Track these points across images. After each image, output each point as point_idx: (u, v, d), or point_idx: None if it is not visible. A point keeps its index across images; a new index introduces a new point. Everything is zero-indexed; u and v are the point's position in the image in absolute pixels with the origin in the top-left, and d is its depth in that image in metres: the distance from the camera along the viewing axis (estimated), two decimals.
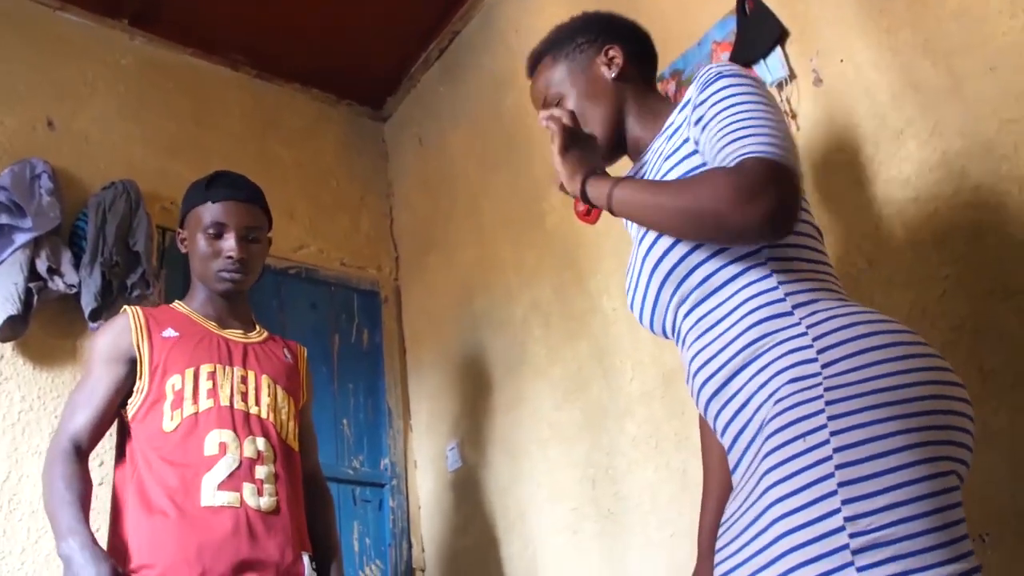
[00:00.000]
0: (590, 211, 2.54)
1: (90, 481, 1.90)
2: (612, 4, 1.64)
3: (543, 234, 2.76)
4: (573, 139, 1.40)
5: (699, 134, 1.32)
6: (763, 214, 1.18)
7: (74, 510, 1.81)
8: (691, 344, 1.34)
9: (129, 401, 1.98)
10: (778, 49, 2.05)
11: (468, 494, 2.89)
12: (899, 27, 1.81)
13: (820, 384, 1.15)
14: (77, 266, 2.58)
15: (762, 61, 2.08)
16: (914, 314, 1.68)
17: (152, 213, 2.83)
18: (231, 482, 1.90)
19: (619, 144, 1.53)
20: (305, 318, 3.21)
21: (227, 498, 1.88)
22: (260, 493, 1.92)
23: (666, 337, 1.42)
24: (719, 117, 1.29)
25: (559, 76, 1.55)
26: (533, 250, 2.79)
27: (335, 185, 3.50)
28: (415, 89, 3.57)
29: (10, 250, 2.46)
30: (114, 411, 1.97)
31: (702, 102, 1.33)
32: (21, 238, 2.48)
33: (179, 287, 2.79)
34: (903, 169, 1.76)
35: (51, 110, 2.91)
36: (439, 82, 3.44)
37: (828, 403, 1.13)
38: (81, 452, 1.92)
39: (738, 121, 1.26)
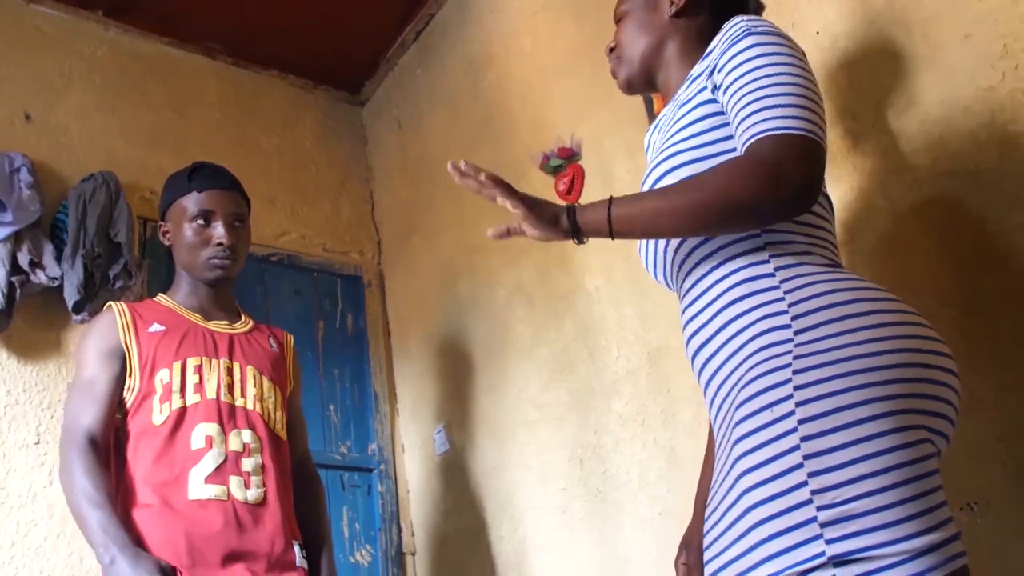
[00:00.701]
0: (571, 190, 2.57)
1: (107, 471, 1.88)
2: None
3: None
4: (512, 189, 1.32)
5: (722, 95, 1.30)
6: (785, 195, 1.18)
7: (105, 513, 1.80)
8: (683, 298, 1.35)
9: (123, 398, 1.99)
10: None
11: (456, 477, 2.90)
12: None
13: (790, 352, 1.14)
14: (59, 259, 2.56)
15: None
16: (898, 285, 1.67)
17: (132, 204, 2.82)
18: (218, 475, 1.91)
19: (648, 81, 1.52)
20: (289, 305, 3.21)
21: (214, 491, 1.89)
22: (247, 486, 1.93)
23: (669, 287, 1.43)
24: (742, 81, 1.26)
25: None
26: None
27: (315, 171, 3.49)
28: (392, 73, 3.56)
29: None
30: (116, 406, 1.97)
31: (727, 60, 1.30)
32: (2, 232, 2.46)
33: (162, 277, 2.79)
34: (881, 140, 1.77)
35: (28, 103, 2.88)
36: (416, 65, 3.42)
37: (796, 372, 1.12)
38: (97, 446, 1.90)
39: (761, 88, 1.24)
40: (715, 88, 1.32)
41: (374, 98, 3.67)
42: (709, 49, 1.36)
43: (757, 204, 1.19)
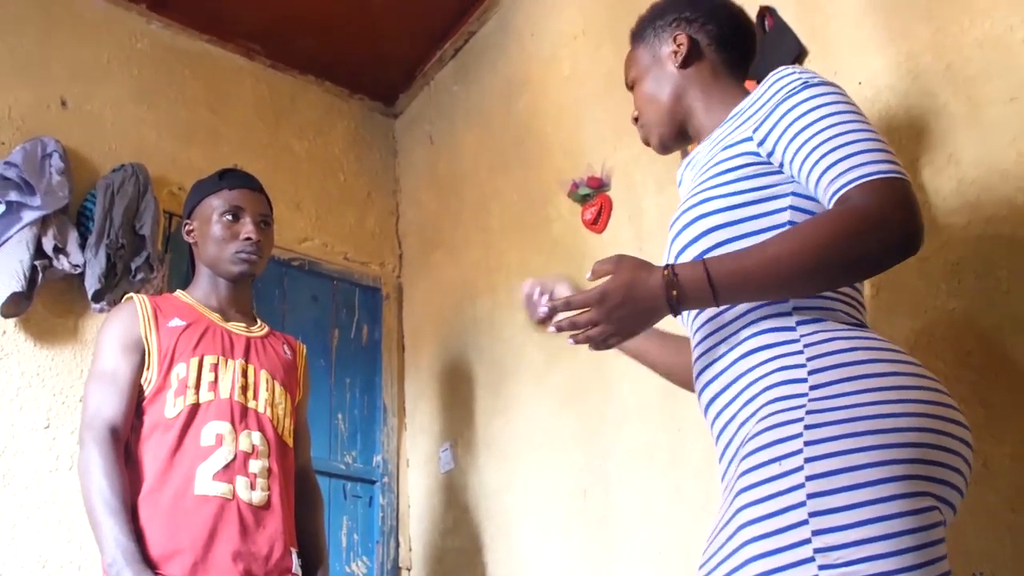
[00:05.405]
0: (597, 220, 2.56)
1: (125, 471, 1.88)
2: (629, 8, 1.62)
3: (549, 240, 2.76)
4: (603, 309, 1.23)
5: (775, 146, 1.27)
6: (895, 241, 1.15)
7: (119, 521, 1.80)
8: (698, 344, 1.34)
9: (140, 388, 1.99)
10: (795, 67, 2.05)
11: (459, 496, 2.88)
12: (921, 51, 1.80)
13: (803, 407, 1.13)
14: (83, 246, 2.57)
15: None
16: (919, 344, 1.66)
17: (160, 198, 2.83)
18: (225, 474, 1.92)
19: (679, 134, 1.51)
20: (306, 310, 3.21)
21: (220, 489, 1.90)
22: (253, 487, 1.94)
23: (683, 323, 1.41)
24: (810, 132, 1.23)
25: (638, 60, 1.54)
26: (539, 255, 2.79)
27: (343, 179, 3.50)
28: (428, 87, 3.57)
29: (17, 227, 2.46)
30: (136, 398, 1.98)
31: (783, 113, 1.27)
32: (29, 216, 2.48)
33: (183, 273, 2.78)
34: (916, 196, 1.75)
35: (65, 89, 2.90)
36: (453, 81, 3.43)
37: (808, 427, 1.11)
38: (119, 438, 1.91)
39: (837, 137, 1.21)
40: (762, 141, 1.29)
41: (408, 111, 3.68)
42: (756, 96, 1.34)
43: (869, 253, 1.16)
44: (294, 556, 1.97)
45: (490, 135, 3.14)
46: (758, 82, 2.07)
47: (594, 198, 2.58)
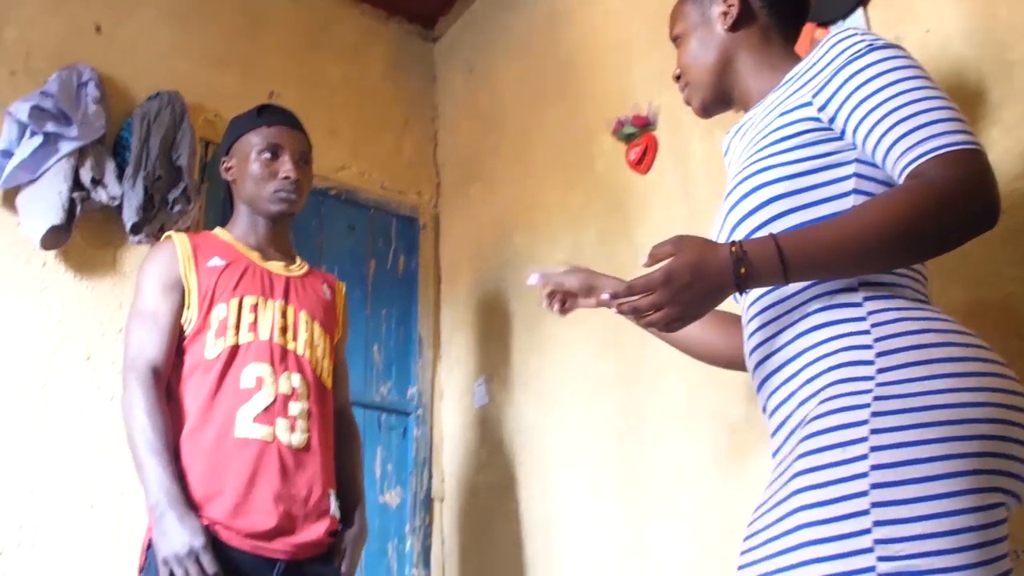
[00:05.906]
0: (642, 160, 2.50)
1: (167, 411, 1.90)
2: None
3: (592, 177, 2.69)
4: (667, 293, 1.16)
5: (838, 112, 1.22)
6: (977, 214, 1.11)
7: (163, 459, 1.83)
8: (753, 319, 1.30)
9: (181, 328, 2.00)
10: (860, 11, 1.95)
11: (492, 431, 2.89)
12: (998, 1, 1.69)
13: (871, 391, 1.09)
14: (120, 178, 2.55)
15: (840, 22, 1.98)
16: (974, 314, 1.60)
17: (196, 125, 2.79)
18: (266, 416, 1.93)
19: (723, 98, 1.46)
20: (343, 240, 3.19)
21: (261, 432, 1.92)
22: (293, 429, 1.95)
23: (736, 300, 1.37)
24: (879, 98, 1.18)
25: (685, 16, 1.49)
26: (580, 193, 2.73)
27: (380, 106, 3.42)
28: (469, 12, 3.45)
29: (55, 158, 2.43)
30: (177, 337, 1.98)
31: (848, 77, 1.21)
32: (66, 147, 2.45)
33: (219, 203, 2.76)
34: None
35: (99, 15, 2.83)
36: (494, 7, 3.32)
37: (875, 414, 1.08)
38: (160, 377, 1.93)
39: (909, 105, 1.16)
40: (823, 106, 1.24)
41: (447, 36, 3.58)
42: (815, 59, 1.28)
43: (948, 229, 1.12)
44: (332, 497, 1.99)
45: (532, 66, 3.05)
46: (818, 26, 2.00)
47: (639, 137, 2.51)
